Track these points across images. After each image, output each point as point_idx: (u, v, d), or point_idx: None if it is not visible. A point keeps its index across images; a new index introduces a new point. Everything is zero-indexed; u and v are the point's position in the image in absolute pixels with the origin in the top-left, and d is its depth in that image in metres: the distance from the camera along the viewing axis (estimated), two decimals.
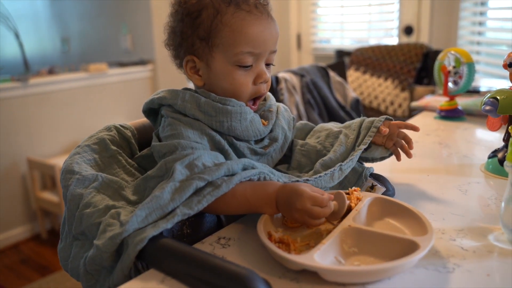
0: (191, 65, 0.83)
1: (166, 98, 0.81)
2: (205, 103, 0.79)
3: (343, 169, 0.81)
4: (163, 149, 0.75)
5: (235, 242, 0.70)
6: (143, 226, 0.64)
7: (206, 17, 0.78)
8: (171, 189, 0.66)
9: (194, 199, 0.66)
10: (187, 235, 0.73)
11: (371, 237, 0.65)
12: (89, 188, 0.73)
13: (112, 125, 0.88)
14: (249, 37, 0.77)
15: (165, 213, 0.65)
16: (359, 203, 0.73)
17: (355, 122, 0.92)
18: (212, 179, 0.68)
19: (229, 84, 0.80)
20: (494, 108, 0.93)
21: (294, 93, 1.79)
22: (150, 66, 3.40)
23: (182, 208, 0.65)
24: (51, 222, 2.98)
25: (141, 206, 0.64)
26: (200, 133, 0.77)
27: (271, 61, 0.84)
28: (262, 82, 0.82)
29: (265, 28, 0.79)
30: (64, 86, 2.96)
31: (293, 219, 0.69)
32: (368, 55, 2.64)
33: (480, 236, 0.70)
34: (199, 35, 0.79)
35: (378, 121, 0.88)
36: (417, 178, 0.96)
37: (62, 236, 0.77)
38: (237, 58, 0.78)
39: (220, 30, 0.77)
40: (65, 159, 0.80)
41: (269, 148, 0.85)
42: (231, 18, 0.77)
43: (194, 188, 0.66)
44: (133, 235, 0.63)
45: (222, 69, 0.80)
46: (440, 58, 1.48)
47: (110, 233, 0.63)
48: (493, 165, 0.98)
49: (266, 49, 0.80)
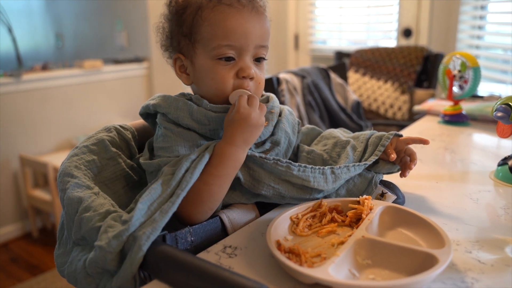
0: (179, 63, 0.82)
1: (160, 106, 0.78)
2: (198, 111, 0.76)
3: (335, 173, 0.77)
4: (149, 168, 0.76)
5: (242, 251, 0.67)
6: (148, 218, 0.62)
7: (189, 13, 0.77)
8: (165, 176, 0.68)
9: (186, 175, 0.67)
10: (192, 243, 0.70)
11: (385, 248, 0.62)
12: (88, 193, 0.70)
13: (112, 126, 0.85)
14: (227, 29, 0.74)
15: (166, 199, 0.65)
16: (370, 212, 0.70)
17: (364, 134, 0.89)
18: (196, 156, 0.70)
19: (210, 79, 0.77)
20: (507, 114, 0.90)
21: (295, 94, 1.76)
22: (146, 64, 3.36)
23: (180, 186, 0.66)
24: (43, 220, 2.93)
25: (140, 199, 0.63)
26: (191, 145, 0.76)
27: (260, 55, 0.79)
28: (245, 77, 0.77)
29: (246, 21, 0.75)
30: (58, 83, 2.91)
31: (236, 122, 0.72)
32: (368, 57, 2.62)
33: (496, 249, 0.68)
34: (183, 32, 0.78)
35: (385, 138, 0.84)
36: (426, 185, 0.94)
37: (60, 241, 0.73)
38: (215, 51, 0.75)
39: (200, 25, 0.76)
40: (58, 156, 0.77)
41: (271, 152, 0.82)
42: (210, 12, 0.75)
43: (184, 168, 0.68)
44: (141, 227, 0.60)
45: (204, 64, 0.77)
46: (445, 62, 1.45)
47: (113, 232, 0.60)
48: (503, 173, 0.96)
49: (248, 43, 0.76)
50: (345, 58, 2.84)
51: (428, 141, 0.86)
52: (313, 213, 0.74)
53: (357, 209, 0.72)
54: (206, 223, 0.72)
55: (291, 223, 0.72)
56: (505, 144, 1.23)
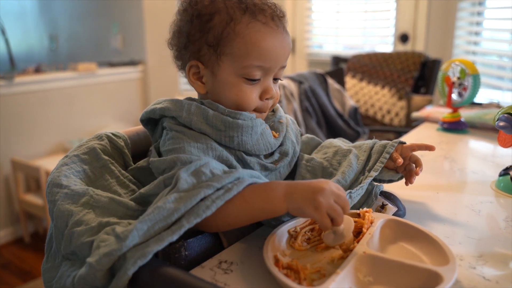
0: (194, 70, 0.77)
1: (169, 110, 0.74)
2: (214, 116, 0.73)
3: (352, 197, 0.74)
4: (162, 165, 0.69)
5: (238, 267, 0.64)
6: (144, 240, 0.57)
7: (218, 22, 0.73)
8: (175, 199, 0.60)
9: (202, 204, 0.60)
10: (185, 258, 0.67)
11: (387, 265, 0.59)
12: (79, 205, 0.67)
13: (103, 134, 0.82)
14: (262, 50, 0.72)
15: (169, 224, 0.59)
16: (371, 226, 0.68)
17: (366, 143, 0.87)
18: (221, 186, 0.63)
19: (234, 95, 0.75)
20: (509, 124, 0.89)
21: (292, 100, 1.74)
22: (141, 67, 3.33)
23: (188, 216, 0.59)
24: (35, 225, 2.89)
25: (141, 218, 0.58)
26: (205, 147, 0.71)
27: (279, 76, 0.79)
28: (268, 98, 0.77)
29: (279, 43, 0.74)
30: (51, 86, 2.87)
31: (314, 207, 0.60)
32: (365, 62, 2.61)
33: (501, 264, 0.65)
34: (208, 40, 0.74)
35: (390, 146, 0.83)
36: (427, 196, 0.91)
37: (48, 255, 0.70)
38: (245, 70, 0.73)
39: (232, 39, 0.72)
40: (50, 160, 0.74)
41: (280, 163, 0.79)
42: (245, 28, 0.72)
43: (201, 197, 0.61)
44: (133, 249, 0.56)
45: (228, 79, 0.74)
46: (444, 68, 1.43)
47: (105, 249, 0.57)
48: (505, 184, 0.94)
49: (277, 65, 0.76)
50: (342, 63, 2.82)
51: (434, 147, 0.84)
52: (311, 226, 0.71)
53: (357, 222, 0.70)
54: (201, 236, 0.69)
55: (289, 237, 0.69)
56: (505, 153, 1.21)
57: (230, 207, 0.63)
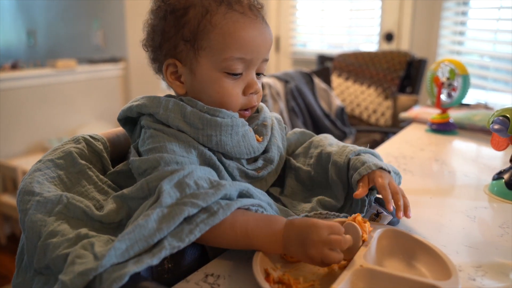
0: (172, 69, 0.73)
1: (146, 106, 0.70)
2: (191, 113, 0.69)
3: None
4: (143, 165, 0.65)
5: (225, 281, 0.60)
6: (122, 260, 0.52)
7: (193, 16, 0.69)
8: (158, 217, 0.55)
9: (185, 228, 0.56)
10: (169, 271, 0.63)
11: (386, 279, 0.56)
12: (53, 214, 0.61)
13: (80, 136, 0.76)
14: (241, 41, 0.68)
15: (150, 245, 0.54)
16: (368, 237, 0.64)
17: (350, 150, 0.77)
18: (206, 205, 0.58)
19: (215, 93, 0.71)
20: (505, 127, 0.86)
21: (278, 100, 1.69)
22: (122, 64, 3.25)
23: (171, 240, 0.54)
24: (11, 227, 2.80)
25: (120, 237, 0.53)
26: (186, 146, 0.67)
27: (262, 71, 0.75)
28: (252, 93, 0.74)
29: (259, 33, 0.71)
30: (28, 83, 2.78)
31: (308, 258, 0.57)
32: (351, 61, 2.58)
33: (501, 275, 0.63)
34: (184, 36, 0.69)
35: (366, 168, 0.72)
36: (420, 201, 0.88)
37: (18, 269, 0.65)
38: (226, 64, 0.69)
39: (209, 31, 0.68)
40: (28, 160, 0.68)
41: (263, 171, 0.75)
42: (222, 19, 0.68)
43: (184, 216, 0.56)
44: (110, 270, 0.51)
45: (208, 75, 0.70)
46: (433, 69, 1.41)
47: (80, 267, 0.52)
48: (499, 188, 0.91)
49: (259, 56, 0.72)
50: (328, 62, 2.80)
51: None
52: None
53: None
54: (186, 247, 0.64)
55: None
56: (496, 155, 1.19)
57: (216, 232, 0.59)
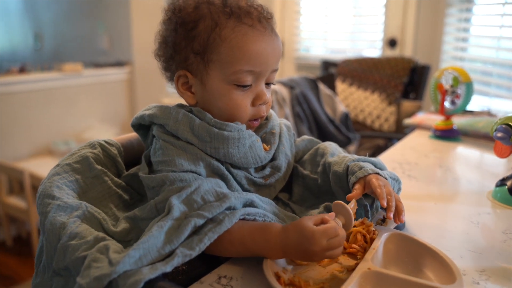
0: (183, 80, 0.75)
1: (157, 117, 0.73)
2: (200, 126, 0.71)
3: None
4: (151, 182, 0.69)
5: (238, 283, 0.62)
6: (135, 268, 0.55)
7: (203, 29, 0.71)
8: (168, 228, 0.59)
9: (195, 238, 0.60)
10: (183, 272, 0.65)
11: (393, 282, 0.58)
12: (73, 217, 0.64)
13: (96, 142, 0.79)
14: (250, 54, 0.70)
15: (162, 256, 0.57)
16: (375, 240, 0.66)
17: (347, 159, 0.78)
18: (212, 216, 0.62)
19: (225, 104, 0.73)
20: (507, 135, 0.88)
21: (284, 106, 1.72)
22: (128, 68, 3.28)
23: (182, 249, 0.58)
24: (18, 229, 2.82)
25: (135, 245, 0.56)
26: (194, 158, 0.70)
27: (271, 80, 0.77)
28: (261, 104, 0.75)
29: (268, 45, 0.72)
30: (36, 86, 2.81)
31: (314, 261, 0.63)
32: (355, 67, 2.60)
33: (504, 279, 0.65)
34: (194, 48, 0.71)
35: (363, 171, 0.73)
36: (424, 207, 0.91)
37: (37, 270, 0.67)
38: (235, 76, 0.71)
39: (218, 45, 0.70)
40: (34, 162, 0.71)
41: (270, 179, 0.77)
42: (231, 33, 0.70)
43: (192, 227, 0.60)
44: (125, 275, 0.54)
45: (218, 88, 0.72)
46: (437, 76, 1.43)
47: (96, 271, 0.54)
48: (502, 194, 0.93)
49: (268, 68, 0.73)
50: (332, 68, 2.82)
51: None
52: None
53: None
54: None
55: None
56: (499, 162, 1.21)
57: (218, 248, 0.63)
